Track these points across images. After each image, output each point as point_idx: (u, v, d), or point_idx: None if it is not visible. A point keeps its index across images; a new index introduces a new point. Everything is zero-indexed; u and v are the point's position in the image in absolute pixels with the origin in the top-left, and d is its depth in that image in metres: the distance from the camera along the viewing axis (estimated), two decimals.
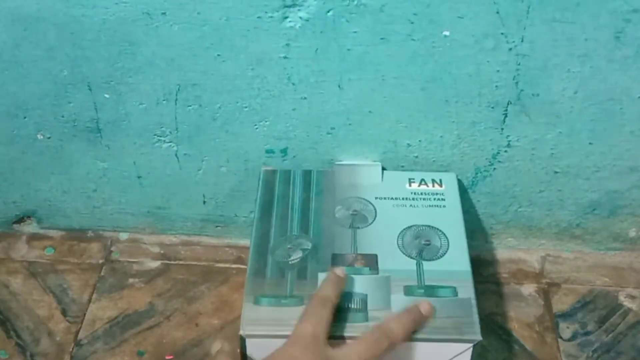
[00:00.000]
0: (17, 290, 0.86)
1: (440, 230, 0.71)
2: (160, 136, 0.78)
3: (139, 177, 0.84)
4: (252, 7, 0.64)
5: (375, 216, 0.73)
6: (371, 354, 0.56)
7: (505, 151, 0.77)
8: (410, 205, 0.74)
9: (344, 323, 0.61)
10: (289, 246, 0.70)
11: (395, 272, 0.67)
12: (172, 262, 0.89)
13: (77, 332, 0.81)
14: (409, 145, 0.77)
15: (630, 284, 0.86)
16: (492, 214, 0.85)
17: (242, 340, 0.62)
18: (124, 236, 0.92)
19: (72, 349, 0.80)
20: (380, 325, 0.59)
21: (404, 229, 0.71)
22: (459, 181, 0.78)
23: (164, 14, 0.66)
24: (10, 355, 0.79)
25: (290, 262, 0.68)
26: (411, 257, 0.68)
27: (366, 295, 0.64)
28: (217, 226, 0.90)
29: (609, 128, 0.74)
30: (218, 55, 0.69)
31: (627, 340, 0.80)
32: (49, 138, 0.80)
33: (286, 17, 0.65)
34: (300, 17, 0.65)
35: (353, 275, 0.66)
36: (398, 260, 0.68)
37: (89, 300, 0.84)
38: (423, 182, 0.76)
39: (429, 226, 0.71)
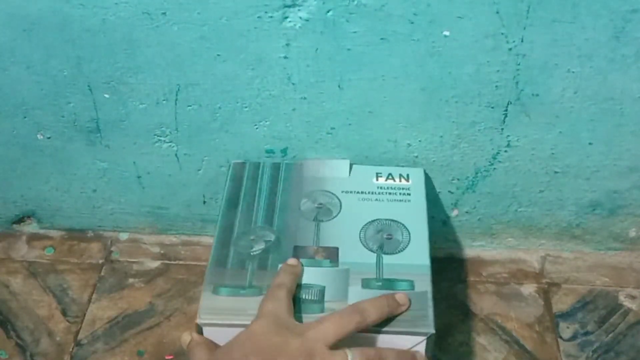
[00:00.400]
0: (17, 290, 0.86)
1: (403, 225, 0.71)
2: (160, 136, 0.78)
3: (139, 177, 0.84)
4: (252, 7, 0.64)
5: (340, 210, 0.73)
6: (340, 328, 0.57)
7: (505, 151, 0.77)
8: (376, 200, 0.74)
9: (299, 314, 0.62)
10: (251, 237, 0.70)
11: (355, 265, 0.67)
12: (172, 262, 0.89)
13: (77, 332, 0.81)
14: (409, 145, 0.77)
15: (630, 284, 0.86)
16: (492, 214, 0.85)
17: (199, 329, 0.62)
18: (124, 236, 0.92)
19: (72, 349, 0.80)
20: (354, 304, 0.60)
21: (367, 223, 0.71)
22: (426, 176, 0.78)
23: (164, 14, 0.66)
24: (10, 355, 0.79)
25: (252, 253, 0.68)
26: (372, 251, 0.68)
27: (324, 287, 0.64)
28: None
29: (609, 128, 0.74)
30: (218, 55, 0.69)
31: (627, 340, 0.80)
32: (49, 138, 0.80)
33: (286, 17, 0.65)
34: (300, 17, 0.65)
35: (312, 267, 0.66)
36: (359, 253, 0.68)
37: (89, 300, 0.85)
38: (390, 177, 0.76)
39: (392, 220, 0.71)
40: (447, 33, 0.65)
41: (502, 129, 0.74)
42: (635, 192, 0.81)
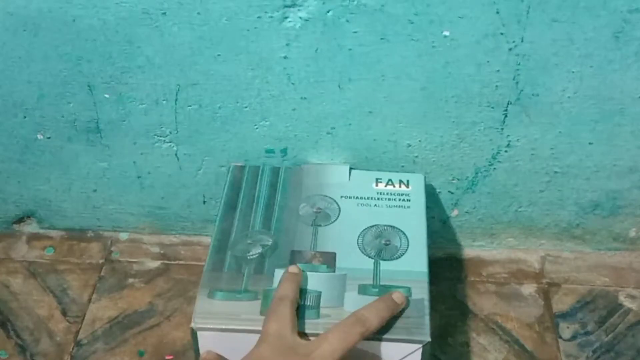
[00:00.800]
0: (17, 290, 0.86)
1: (401, 231, 0.70)
2: (160, 136, 0.78)
3: (139, 177, 0.84)
4: (252, 7, 0.64)
5: (339, 214, 0.73)
6: (345, 342, 0.56)
7: (505, 151, 0.77)
8: (375, 205, 0.73)
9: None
10: (249, 241, 0.69)
11: (352, 270, 0.66)
12: (172, 262, 0.89)
13: (77, 332, 0.81)
14: (409, 145, 0.77)
15: (630, 284, 0.86)
16: (492, 214, 0.85)
17: (194, 334, 0.62)
18: (124, 236, 0.92)
19: (72, 348, 0.80)
20: (354, 313, 0.59)
21: (366, 229, 0.71)
22: (428, 184, 0.77)
23: (164, 14, 0.66)
24: (10, 355, 0.79)
25: (248, 257, 0.68)
26: (369, 257, 0.68)
27: (320, 292, 0.64)
28: None
29: (609, 128, 0.74)
30: (218, 55, 0.69)
31: (627, 340, 0.80)
32: (49, 138, 0.80)
33: (286, 17, 0.65)
34: (300, 17, 0.65)
35: (309, 273, 0.66)
36: (356, 259, 0.68)
37: (89, 300, 0.84)
38: (390, 183, 0.76)
39: (390, 226, 0.71)
40: (447, 33, 0.65)
41: (502, 129, 0.74)
42: (635, 192, 0.81)
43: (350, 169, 0.77)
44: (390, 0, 0.63)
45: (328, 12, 0.64)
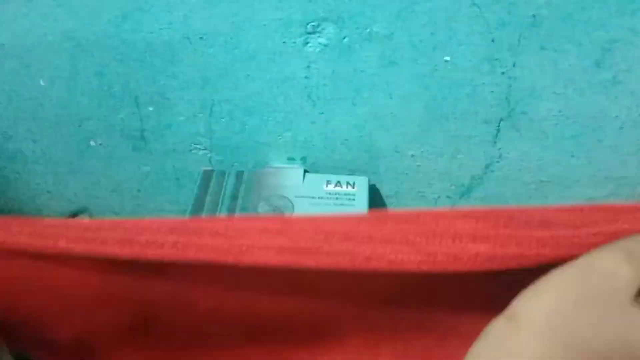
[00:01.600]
0: None
1: None
2: (197, 144, 0.79)
3: (177, 179, 0.84)
4: (278, 33, 0.65)
5: (293, 212, 0.73)
6: None
7: (497, 162, 0.77)
8: (325, 204, 0.74)
9: None
10: None
11: None
12: None
13: None
14: (412, 155, 0.77)
15: None
16: None
17: None
18: None
19: None
20: None
21: None
22: (370, 184, 0.77)
23: (201, 38, 0.66)
24: None
25: None
26: None
27: None
28: None
29: (589, 143, 0.73)
30: (248, 75, 0.69)
31: None
32: (100, 144, 0.80)
33: (307, 43, 0.65)
34: (320, 43, 0.65)
35: None
36: None
37: None
38: (338, 184, 0.76)
39: None
40: (448, 58, 0.65)
41: (495, 142, 0.74)
42: (612, 199, 0.80)
43: (305, 172, 0.77)
44: (398, 29, 0.63)
45: (344, 38, 0.64)
